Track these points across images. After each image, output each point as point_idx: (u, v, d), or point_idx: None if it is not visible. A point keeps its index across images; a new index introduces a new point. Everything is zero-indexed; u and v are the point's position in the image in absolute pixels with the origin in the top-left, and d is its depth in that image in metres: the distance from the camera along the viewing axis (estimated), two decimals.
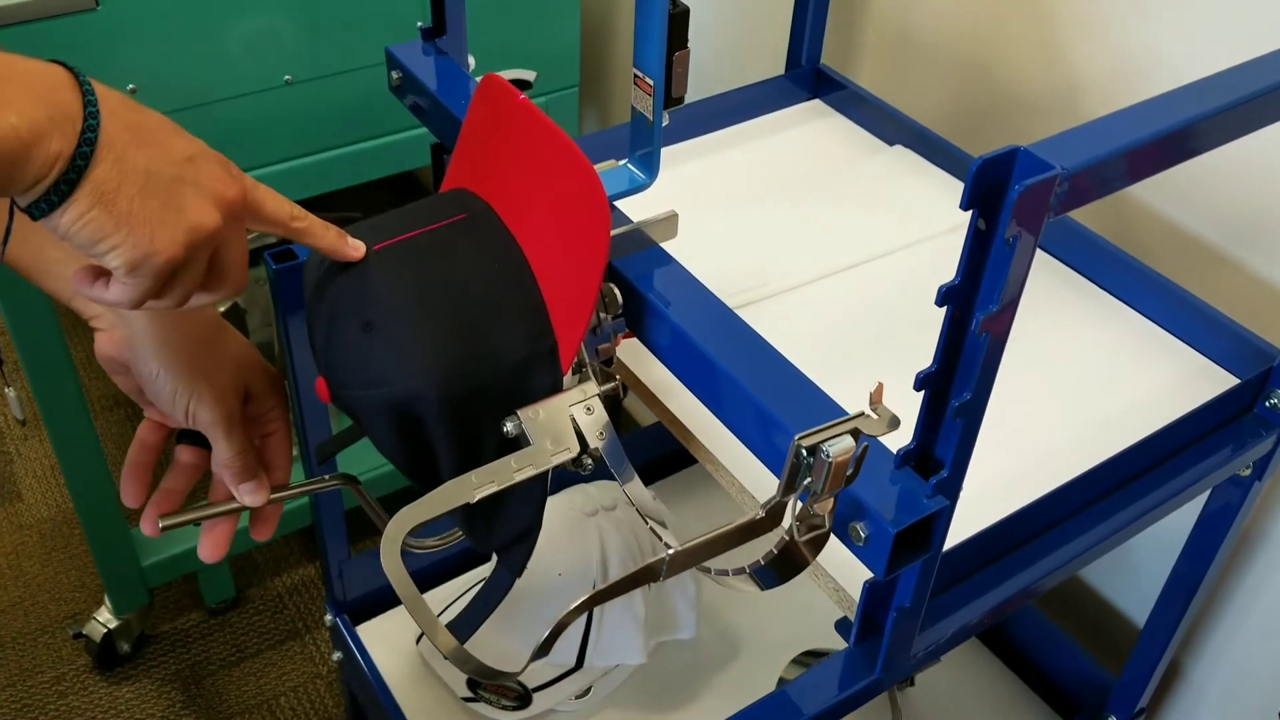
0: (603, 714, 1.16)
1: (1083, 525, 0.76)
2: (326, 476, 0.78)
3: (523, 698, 1.12)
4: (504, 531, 0.71)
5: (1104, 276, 0.94)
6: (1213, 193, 0.96)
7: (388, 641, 1.20)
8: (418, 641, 1.18)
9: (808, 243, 0.97)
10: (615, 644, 1.12)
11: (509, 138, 0.68)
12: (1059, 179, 0.49)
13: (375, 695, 1.16)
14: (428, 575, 1.22)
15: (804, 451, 0.52)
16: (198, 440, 0.72)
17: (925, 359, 0.85)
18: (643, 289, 0.69)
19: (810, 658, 1.13)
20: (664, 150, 1.06)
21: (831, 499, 0.54)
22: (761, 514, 0.55)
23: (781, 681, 1.12)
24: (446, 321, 0.65)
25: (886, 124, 1.10)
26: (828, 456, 0.51)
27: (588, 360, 0.69)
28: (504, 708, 1.11)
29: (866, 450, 0.54)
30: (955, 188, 1.03)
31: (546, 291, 0.67)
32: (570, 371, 0.68)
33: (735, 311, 0.71)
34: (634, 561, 1.11)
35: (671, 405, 0.82)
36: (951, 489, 0.58)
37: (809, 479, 0.53)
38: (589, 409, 0.67)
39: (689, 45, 0.68)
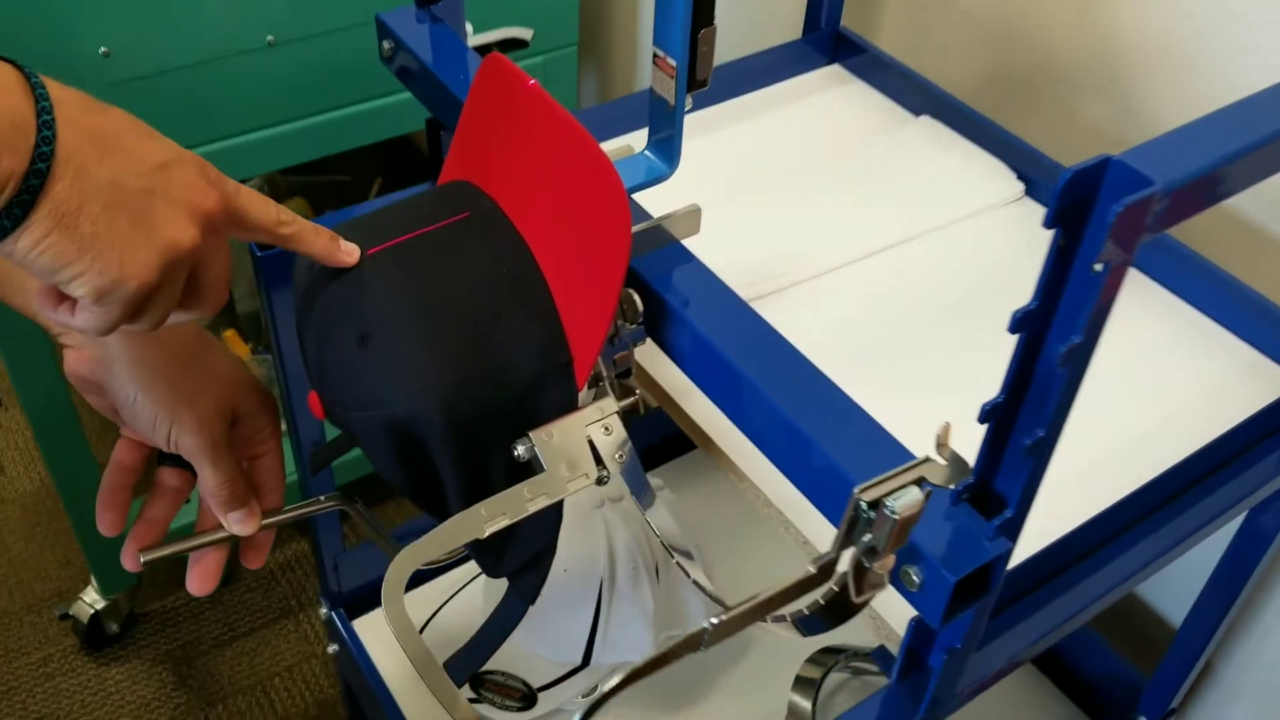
0: (609, 713, 1.11)
1: (1138, 541, 0.71)
2: (323, 497, 0.72)
3: (527, 698, 1.07)
4: (515, 557, 0.66)
5: (1145, 261, 0.88)
6: None
7: (386, 636, 1.14)
8: (420, 632, 1.13)
9: (829, 226, 0.90)
10: (623, 641, 1.07)
11: (517, 126, 0.61)
12: (1157, 196, 0.43)
13: (373, 692, 1.11)
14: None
15: (864, 505, 0.46)
16: (182, 461, 0.66)
17: (959, 353, 0.80)
18: (666, 295, 0.63)
19: (827, 656, 1.08)
20: (697, 113, 1.00)
21: (893, 556, 0.48)
22: (813, 570, 0.49)
23: (799, 680, 1.07)
24: (450, 334, 0.58)
25: (911, 92, 1.03)
26: (893, 513, 0.45)
27: (604, 373, 0.63)
28: (508, 708, 1.06)
29: (930, 495, 0.48)
30: (987, 163, 0.96)
31: (560, 300, 0.60)
32: (585, 386, 0.62)
33: (750, 305, 0.65)
34: (642, 556, 1.06)
35: (690, 409, 0.76)
36: (1015, 530, 0.52)
37: (868, 535, 0.47)
38: (607, 428, 0.61)
39: (715, 22, 0.61)
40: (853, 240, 0.89)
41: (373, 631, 1.15)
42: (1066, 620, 0.68)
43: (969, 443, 0.71)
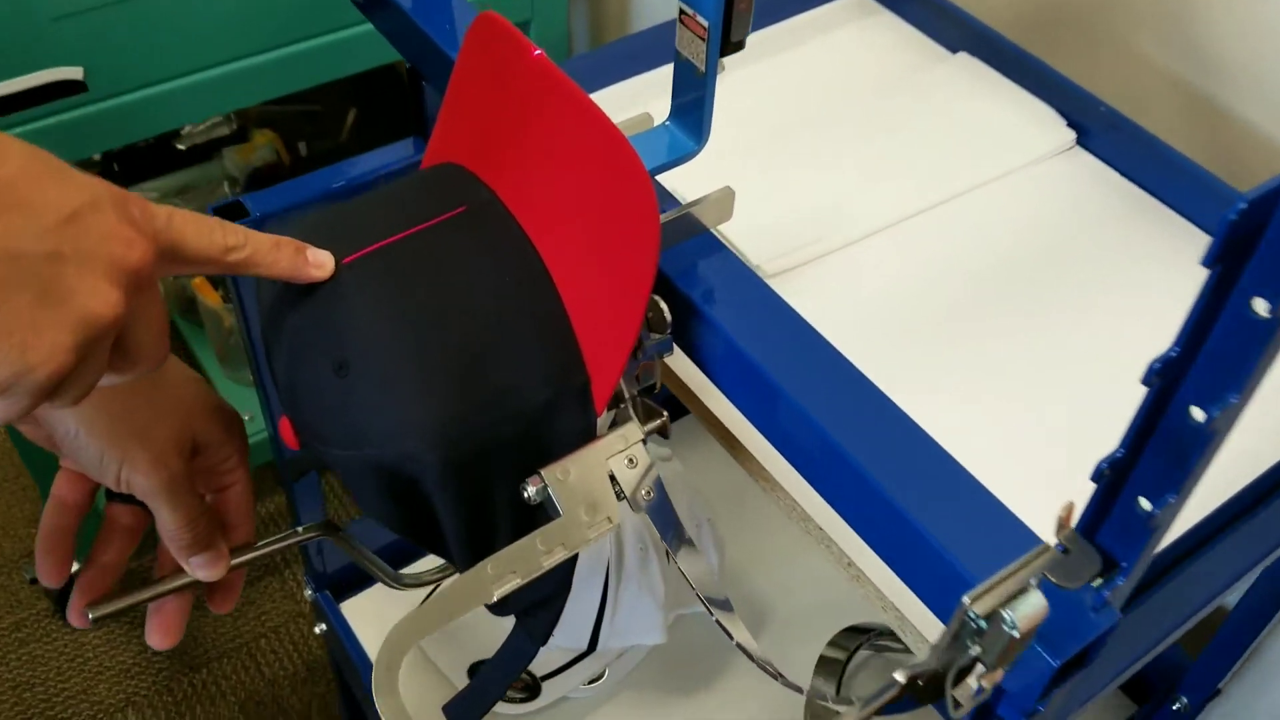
0: (619, 698, 1.05)
1: (1228, 554, 0.62)
2: (301, 528, 0.63)
3: (531, 688, 1.00)
4: (524, 596, 0.57)
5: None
6: None
7: (376, 620, 1.07)
8: None
9: (858, 186, 0.80)
10: (632, 624, 1.00)
11: (518, 100, 0.51)
12: None
13: (361, 676, 1.04)
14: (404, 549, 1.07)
15: (975, 615, 0.37)
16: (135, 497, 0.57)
17: (1013, 334, 0.71)
18: (702, 304, 0.53)
19: (854, 635, 1.01)
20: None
21: (1002, 670, 0.40)
22: (901, 680, 0.41)
23: (823, 661, 1.00)
24: (445, 357, 0.49)
25: (947, 25, 0.92)
26: (1011, 627, 0.37)
27: (624, 391, 0.54)
28: (510, 700, 0.99)
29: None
30: (1033, 108, 0.86)
31: (575, 311, 0.51)
32: (604, 410, 0.53)
33: (770, 284, 0.57)
34: (650, 536, 0.98)
35: (711, 404, 0.67)
36: (1127, 600, 0.44)
37: (976, 646, 0.38)
38: (631, 460, 0.53)
39: None
40: (885, 202, 0.79)
41: (361, 614, 1.08)
42: (1150, 649, 0.60)
43: (1029, 441, 0.62)
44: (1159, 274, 0.75)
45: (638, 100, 0.81)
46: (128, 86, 1.11)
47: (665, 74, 0.87)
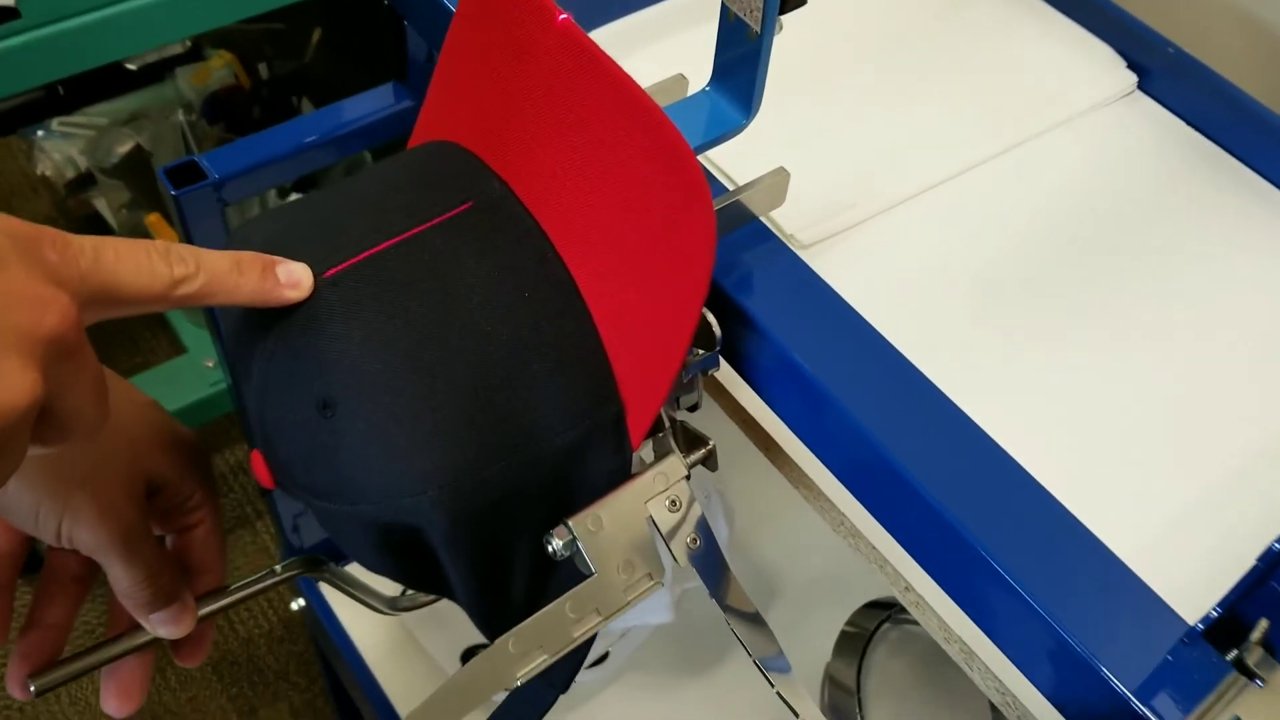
0: (624, 680, 0.98)
1: None
2: (280, 567, 0.54)
3: None
4: None
5: None
6: None
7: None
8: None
9: (896, 140, 0.71)
10: (641, 603, 0.92)
11: (533, 71, 0.42)
12: None
13: (341, 654, 0.98)
14: None
15: None
16: None
17: (1074, 310, 0.63)
18: (748, 308, 0.45)
19: (876, 611, 0.95)
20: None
21: None
22: None
23: (844, 639, 0.94)
24: (452, 394, 0.40)
25: None
26: None
27: (664, 417, 0.45)
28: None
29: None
30: (1089, 47, 0.77)
31: (608, 331, 0.42)
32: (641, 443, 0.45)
33: (804, 256, 0.50)
34: None
35: (749, 404, 0.59)
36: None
37: None
38: (673, 501, 0.44)
39: None
40: (926, 160, 0.70)
41: (341, 602, 1.00)
42: None
43: (1082, 433, 0.55)
44: (1235, 240, 0.67)
45: (629, 44, 0.70)
46: (66, 12, 1.00)
47: (662, 12, 0.78)
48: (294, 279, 0.40)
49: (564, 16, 0.39)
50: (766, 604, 1.02)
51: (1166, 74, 0.75)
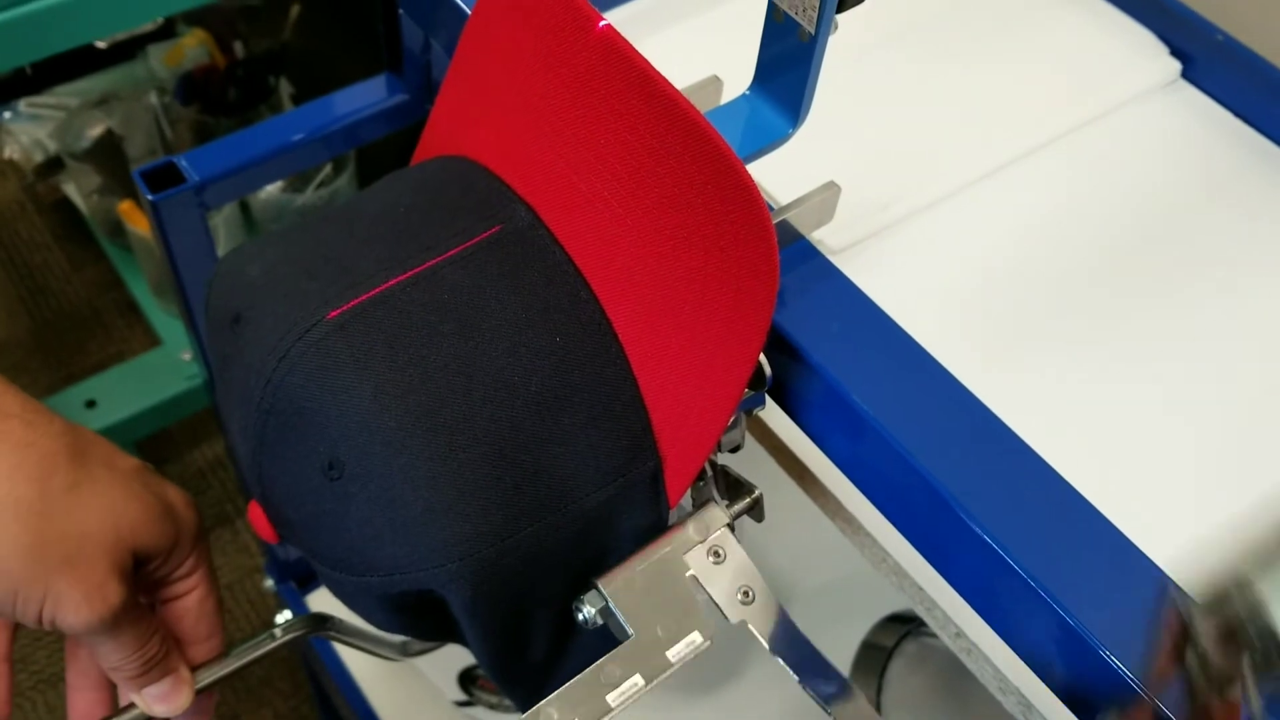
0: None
1: None
2: (279, 629, 0.48)
3: None
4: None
5: None
6: None
7: (344, 613, 0.95)
8: None
9: (928, 135, 0.66)
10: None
11: (566, 84, 0.37)
12: None
13: (328, 671, 0.93)
14: None
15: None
16: None
17: (1122, 315, 0.59)
18: (804, 346, 0.40)
19: (897, 625, 0.91)
20: None
21: None
22: None
23: (864, 652, 0.90)
24: (474, 453, 0.36)
25: None
26: None
27: (705, 464, 0.41)
28: (505, 708, 0.88)
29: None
30: (1130, 32, 0.72)
31: (645, 378, 0.37)
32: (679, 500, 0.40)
33: (835, 261, 0.46)
34: None
35: (779, 428, 0.55)
36: None
37: None
38: (717, 554, 0.40)
39: None
40: (964, 154, 0.65)
41: (329, 606, 0.95)
42: None
43: (1142, 448, 0.51)
44: None
45: (640, 28, 0.65)
46: None
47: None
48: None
49: (605, 23, 0.34)
50: None
51: (1212, 61, 0.70)
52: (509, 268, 0.37)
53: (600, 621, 0.39)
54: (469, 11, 0.53)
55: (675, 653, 0.39)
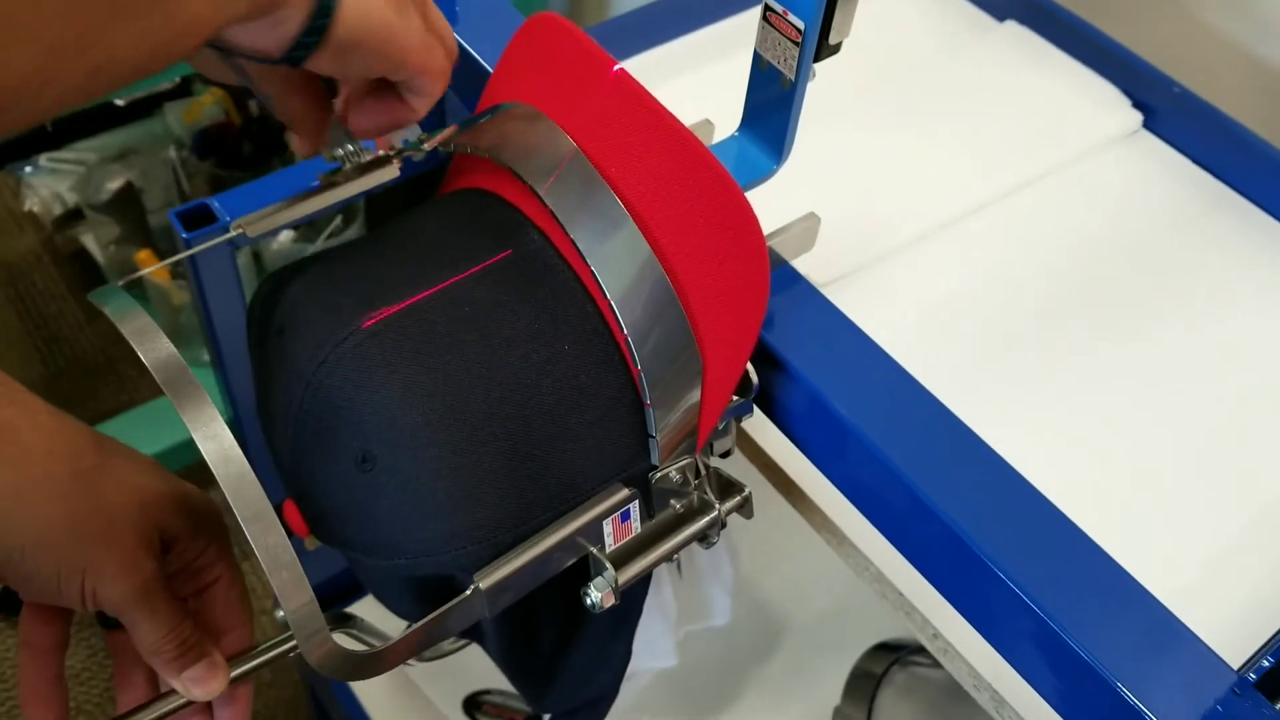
0: (637, 713, 0.97)
1: None
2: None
3: (532, 717, 0.92)
4: (565, 695, 0.49)
5: None
6: None
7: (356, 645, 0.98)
8: None
9: (905, 179, 0.71)
10: (643, 647, 0.92)
11: (582, 119, 0.42)
12: None
13: (338, 700, 0.96)
14: None
15: None
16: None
17: (1088, 347, 0.63)
18: (783, 354, 0.45)
19: (885, 653, 0.94)
20: (694, 35, 0.79)
21: None
22: None
23: (853, 680, 0.93)
24: (493, 446, 0.40)
25: None
26: None
27: (700, 465, 0.45)
28: None
29: None
30: (1093, 85, 0.77)
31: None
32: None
33: (825, 293, 0.49)
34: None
35: (768, 444, 0.59)
36: None
37: None
38: (707, 543, 0.44)
39: None
40: (935, 200, 0.70)
41: (337, 635, 0.98)
42: None
43: (1108, 468, 0.55)
44: (1242, 275, 0.68)
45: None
46: None
47: (671, 50, 0.78)
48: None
49: (618, 67, 0.39)
50: (774, 643, 1.01)
51: (1172, 113, 0.75)
52: (522, 284, 0.42)
53: (606, 605, 0.42)
54: (488, 67, 0.58)
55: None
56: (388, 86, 0.45)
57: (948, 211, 0.69)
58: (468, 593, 0.39)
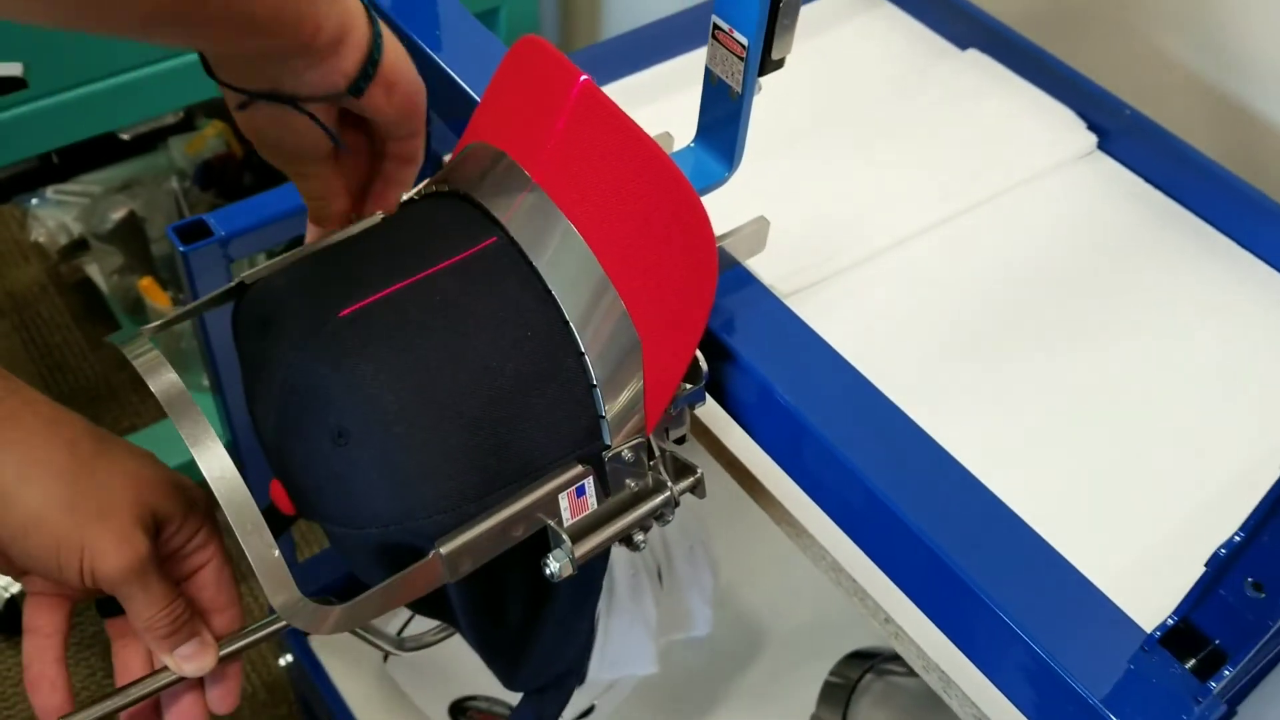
0: None
1: None
2: None
3: None
4: (535, 672, 0.52)
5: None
6: None
7: (345, 652, 1.01)
8: (385, 659, 0.99)
9: (870, 195, 0.75)
10: (624, 654, 0.94)
11: (555, 124, 0.45)
12: None
13: (330, 710, 0.98)
14: None
15: None
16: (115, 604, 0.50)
17: (1039, 354, 0.66)
18: (732, 345, 0.48)
19: (859, 661, 0.97)
20: (668, 64, 0.83)
21: None
22: None
23: (827, 688, 0.96)
24: (459, 423, 0.43)
25: (955, 19, 0.87)
26: None
27: (654, 446, 0.48)
28: None
29: None
30: (1051, 109, 0.81)
31: None
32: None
33: (787, 303, 0.52)
34: (643, 560, 0.92)
35: (733, 444, 0.62)
36: (1236, 695, 0.39)
37: None
38: (662, 521, 0.47)
39: None
40: (898, 214, 0.74)
41: (329, 646, 1.01)
42: None
43: (1057, 470, 0.58)
44: (1192, 290, 0.71)
45: (629, 105, 0.75)
46: (70, 83, 1.04)
47: (657, 75, 0.82)
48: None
49: (585, 78, 0.43)
50: (752, 655, 1.04)
51: (1124, 135, 0.79)
52: (488, 277, 0.45)
53: (565, 574, 0.46)
54: (475, 96, 0.62)
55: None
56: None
57: (909, 228, 0.73)
58: (429, 556, 0.43)
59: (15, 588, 1.38)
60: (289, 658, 1.04)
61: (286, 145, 0.53)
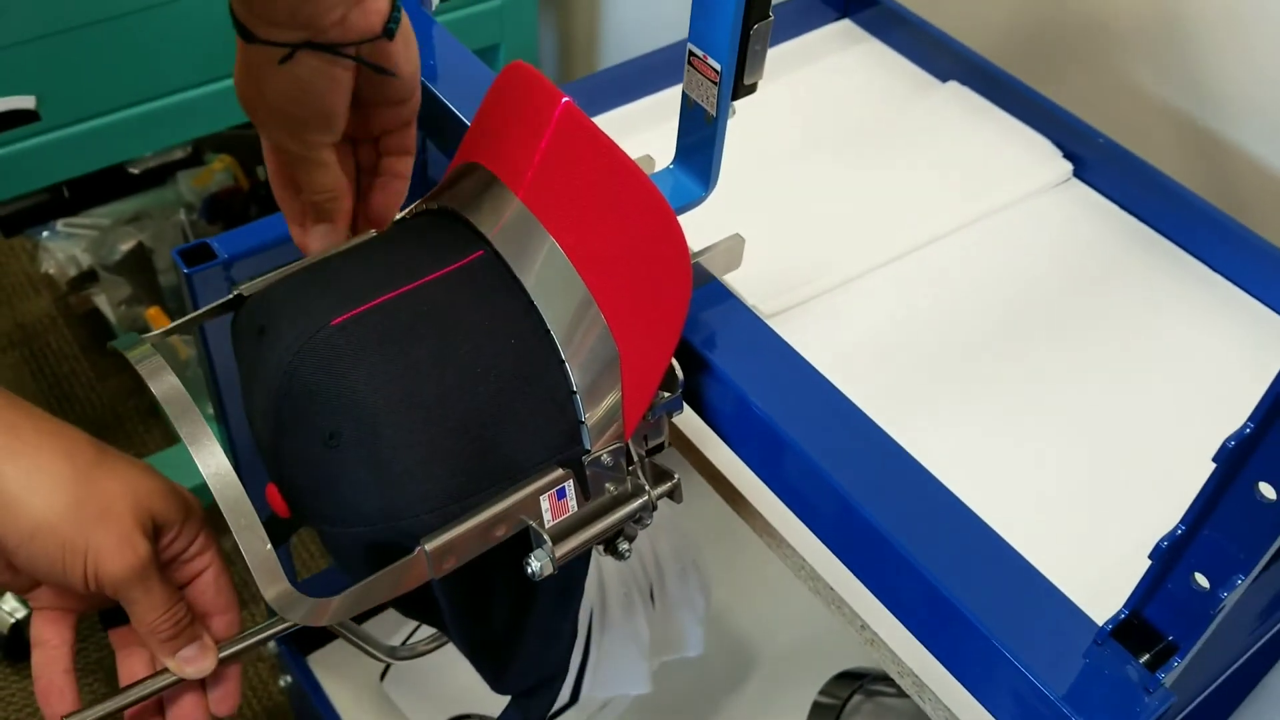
0: None
1: None
2: None
3: None
4: (521, 675, 0.54)
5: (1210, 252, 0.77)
6: None
7: (343, 673, 1.03)
8: (382, 678, 1.01)
9: (851, 220, 0.77)
10: (616, 674, 0.96)
11: (539, 143, 0.48)
12: None
13: None
14: None
15: None
16: (121, 614, 0.52)
17: (1016, 378, 0.68)
18: (710, 356, 0.50)
19: (848, 681, 0.98)
20: (658, 95, 0.86)
21: None
22: None
23: (817, 709, 0.97)
24: (445, 426, 0.46)
25: (936, 53, 0.90)
26: None
27: (633, 452, 0.50)
28: None
29: None
30: (1028, 139, 0.84)
31: None
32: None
33: (772, 323, 0.54)
34: (635, 579, 0.94)
35: (715, 458, 0.64)
36: (1186, 687, 0.41)
37: None
38: (641, 525, 0.49)
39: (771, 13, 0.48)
40: (878, 239, 0.76)
41: (327, 667, 1.03)
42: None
43: (1031, 486, 0.60)
44: (1164, 312, 0.73)
45: (622, 133, 0.78)
46: (82, 115, 1.07)
47: (649, 105, 0.85)
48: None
49: (566, 100, 0.46)
50: (743, 676, 1.05)
51: (1100, 163, 0.82)
52: (475, 288, 0.48)
53: (546, 572, 0.48)
54: (465, 121, 0.65)
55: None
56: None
57: (889, 251, 0.76)
58: (414, 553, 0.45)
59: (21, 613, 1.39)
60: (288, 679, 1.06)
61: (319, 105, 0.52)
